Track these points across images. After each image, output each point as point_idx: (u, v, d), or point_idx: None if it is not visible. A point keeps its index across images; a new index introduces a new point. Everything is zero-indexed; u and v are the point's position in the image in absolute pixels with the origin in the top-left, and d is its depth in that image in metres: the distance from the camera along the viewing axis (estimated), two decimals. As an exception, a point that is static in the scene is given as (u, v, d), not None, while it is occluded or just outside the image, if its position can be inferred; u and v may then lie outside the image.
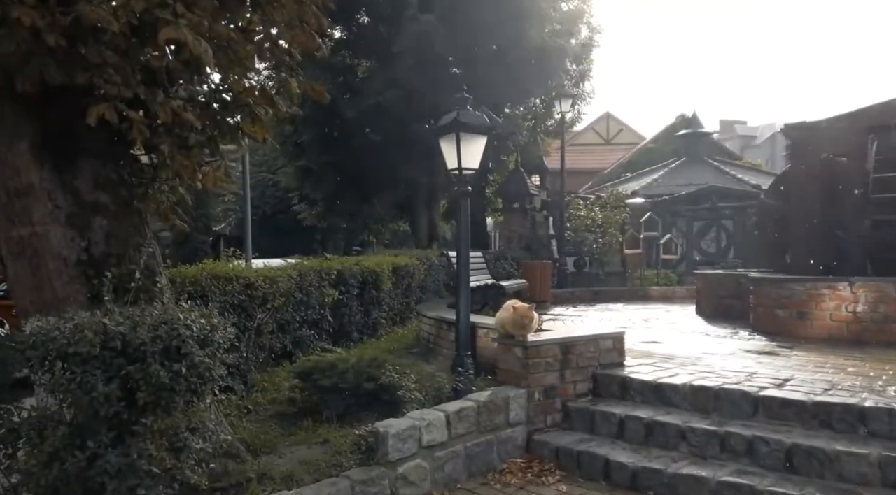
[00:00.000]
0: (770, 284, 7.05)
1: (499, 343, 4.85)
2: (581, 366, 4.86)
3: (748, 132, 56.83)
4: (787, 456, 3.64)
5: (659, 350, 6.00)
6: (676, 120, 32.29)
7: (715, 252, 15.73)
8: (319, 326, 8.16)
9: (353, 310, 9.04)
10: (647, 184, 19.09)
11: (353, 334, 9.05)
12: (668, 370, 4.92)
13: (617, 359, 5.08)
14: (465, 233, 5.35)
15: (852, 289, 6.21)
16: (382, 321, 9.89)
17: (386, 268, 10.03)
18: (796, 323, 6.66)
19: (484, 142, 5.33)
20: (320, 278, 8.11)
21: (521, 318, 4.52)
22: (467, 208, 5.38)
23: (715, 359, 5.45)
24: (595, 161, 34.03)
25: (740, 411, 4.08)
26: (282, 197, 27.31)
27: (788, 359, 5.40)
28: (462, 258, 5.30)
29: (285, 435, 4.79)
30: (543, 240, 17.66)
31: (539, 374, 4.63)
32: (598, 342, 4.96)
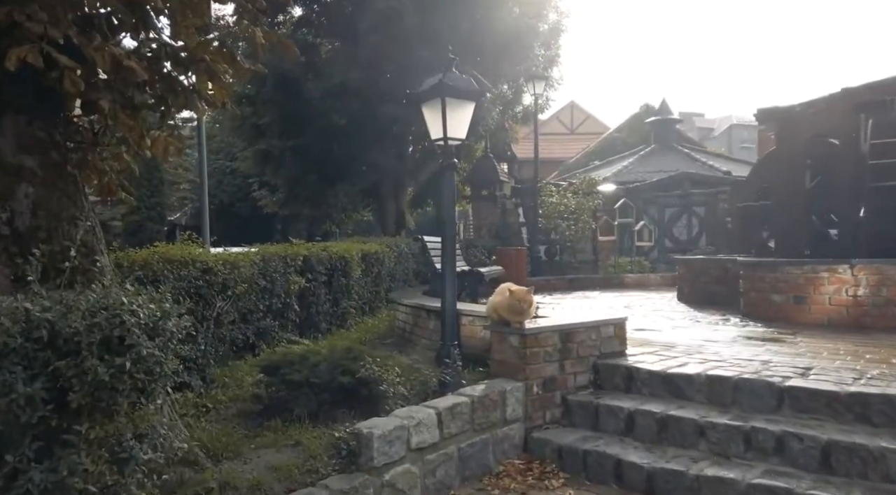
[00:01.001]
0: (765, 268, 6.74)
1: (492, 331, 4.36)
2: (581, 355, 4.41)
3: (706, 124, 57.74)
4: (823, 455, 3.25)
5: (655, 337, 5.61)
6: (641, 109, 32.32)
7: (686, 239, 15.57)
8: (285, 316, 7.56)
9: (321, 299, 8.45)
10: (618, 171, 18.86)
11: (320, 325, 8.46)
12: (674, 359, 4.51)
13: (618, 348, 4.65)
14: (450, 211, 4.84)
15: (853, 271, 5.92)
16: (352, 310, 9.32)
17: (355, 255, 9.45)
18: (793, 308, 6.36)
19: (472, 109, 4.81)
20: (285, 264, 7.50)
21: (519, 303, 4.04)
22: (452, 183, 4.85)
23: (718, 346, 5.07)
24: (560, 150, 33.87)
25: (763, 404, 3.69)
26: (240, 185, 26.30)
27: (796, 345, 5.06)
28: (448, 238, 4.79)
29: (250, 437, 4.23)
30: (514, 227, 17.27)
31: (537, 365, 4.16)
32: (599, 329, 4.52)
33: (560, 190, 15.76)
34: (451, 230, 4.81)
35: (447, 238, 4.79)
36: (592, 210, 15.29)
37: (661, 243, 15.46)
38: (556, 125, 38.33)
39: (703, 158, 19.37)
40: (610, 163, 21.00)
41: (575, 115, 39.49)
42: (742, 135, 52.16)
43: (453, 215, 4.84)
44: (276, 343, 7.29)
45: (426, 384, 4.36)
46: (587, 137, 35.69)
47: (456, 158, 4.82)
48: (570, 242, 15.11)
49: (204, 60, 3.80)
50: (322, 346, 7.47)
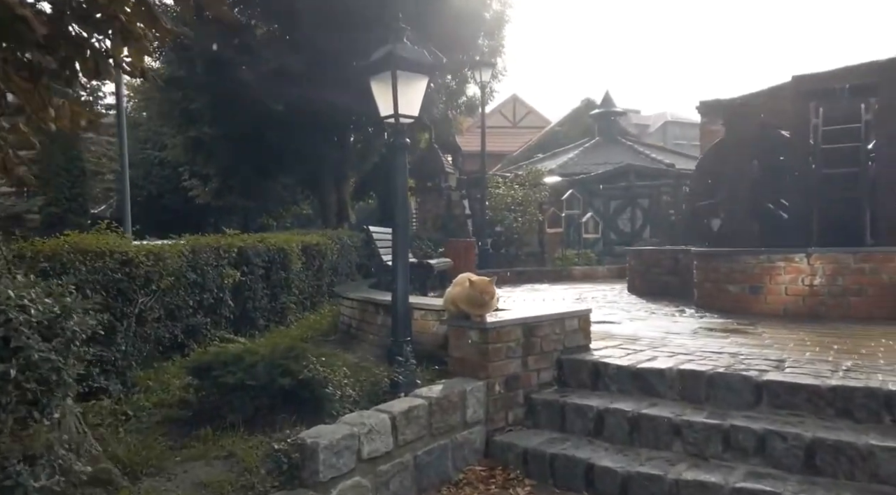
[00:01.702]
0: (720, 258, 6.62)
1: (450, 326, 3.98)
2: (546, 350, 4.09)
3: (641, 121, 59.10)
4: (807, 454, 3.02)
5: (616, 330, 5.37)
6: (582, 103, 32.60)
7: (630, 231, 15.64)
8: (218, 312, 6.99)
9: (258, 294, 7.89)
10: (563, 163, 18.81)
11: (258, 321, 7.91)
12: (640, 353, 4.25)
13: (583, 342, 4.36)
14: (402, 197, 4.43)
15: (809, 260, 5.85)
16: (292, 306, 8.79)
17: (295, 247, 8.92)
18: (749, 298, 6.26)
19: (425, 84, 4.41)
20: (218, 256, 6.92)
21: (480, 295, 3.67)
22: (404, 165, 4.45)
23: (682, 339, 4.86)
24: (503, 144, 33.79)
25: (740, 400, 3.45)
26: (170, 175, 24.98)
27: (760, 337, 4.90)
28: (400, 226, 4.38)
29: (176, 449, 3.73)
30: (460, 219, 16.97)
31: (500, 362, 3.81)
32: (563, 322, 4.21)
33: (507, 181, 15.54)
34: (404, 217, 4.41)
35: (399, 226, 4.39)
36: (539, 202, 15.15)
37: (606, 235, 15.47)
38: (499, 118, 38.26)
39: (647, 151, 19.57)
40: (555, 156, 20.98)
41: (517, 109, 39.54)
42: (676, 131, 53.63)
43: (406, 201, 4.44)
44: (208, 341, 6.70)
45: (377, 385, 3.95)
46: (530, 131, 35.77)
47: (408, 139, 4.41)
48: (517, 234, 14.92)
49: (118, 19, 3.24)
50: (260, 344, 6.92)
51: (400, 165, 4.39)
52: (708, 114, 14.54)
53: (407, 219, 4.42)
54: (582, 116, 31.23)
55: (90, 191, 27.39)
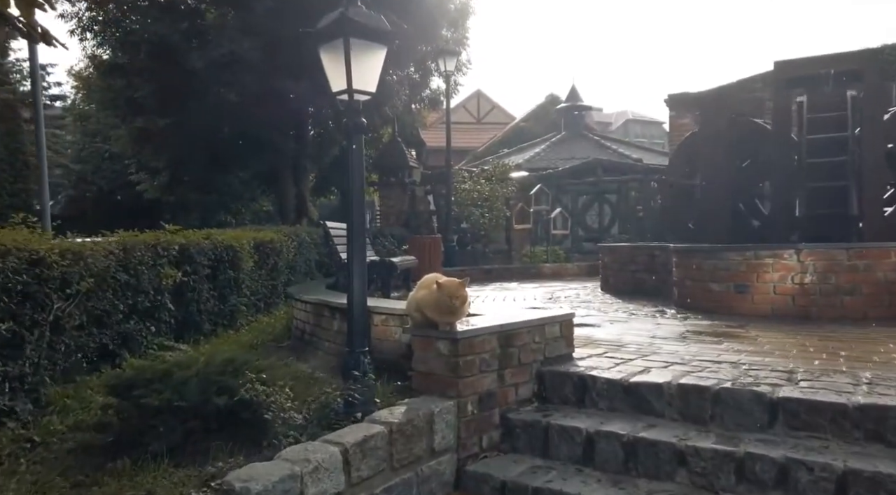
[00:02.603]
0: (702, 254, 6.20)
1: (413, 335, 3.41)
2: (524, 361, 3.56)
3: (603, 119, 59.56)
4: (839, 488, 2.55)
5: (597, 334, 4.88)
6: (547, 99, 32.43)
7: (598, 228, 15.30)
8: (156, 317, 6.28)
9: (204, 296, 7.19)
10: (529, 158, 18.39)
11: (203, 325, 7.21)
12: (629, 362, 3.76)
13: (565, 350, 3.84)
14: (358, 186, 3.84)
15: (800, 257, 5.46)
16: (243, 308, 8.10)
17: (246, 244, 8.22)
18: (734, 297, 5.85)
19: (383, 56, 3.83)
20: (155, 255, 6.21)
21: (450, 300, 3.12)
22: (361, 150, 3.86)
23: (671, 344, 4.39)
24: (467, 139, 33.37)
25: (752, 420, 2.97)
26: (121, 170, 23.78)
27: (756, 342, 4.46)
28: (357, 220, 3.78)
29: (86, 486, 3.08)
30: (424, 216, 16.40)
31: (472, 378, 3.26)
32: (544, 329, 3.69)
33: (473, 176, 15.03)
34: (360, 209, 3.81)
35: (356, 219, 3.79)
36: (506, 197, 14.68)
37: (574, 232, 15.09)
38: (464, 114, 37.85)
39: (614, 146, 19.30)
40: (521, 150, 20.56)
41: (482, 105, 39.20)
42: (637, 129, 54.16)
43: (363, 191, 3.85)
44: (144, 350, 6.02)
45: (328, 406, 3.35)
46: (494, 127, 35.43)
47: (364, 119, 3.82)
48: (483, 231, 14.43)
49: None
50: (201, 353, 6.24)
51: (356, 150, 3.80)
52: (676, 107, 14.27)
53: (364, 211, 3.84)
54: (547, 112, 31.01)
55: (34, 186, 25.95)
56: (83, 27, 13.12)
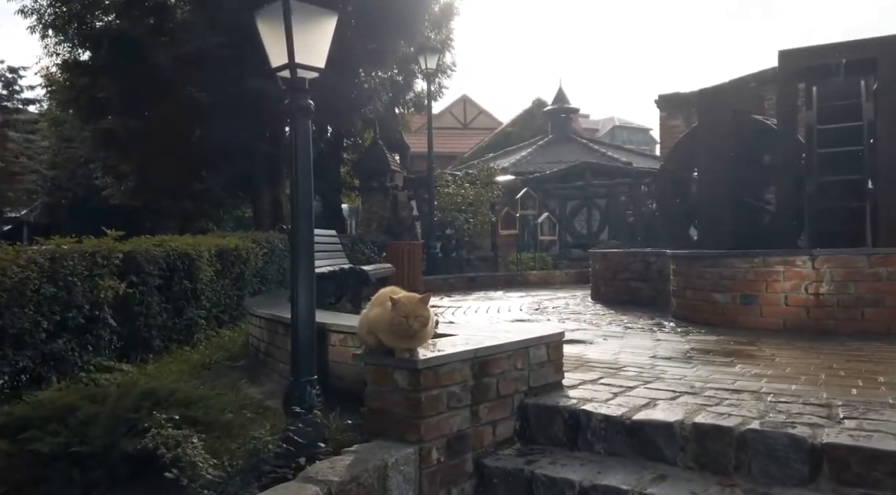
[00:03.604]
0: (704, 261, 5.60)
1: (366, 364, 2.76)
2: (504, 394, 2.92)
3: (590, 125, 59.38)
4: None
5: (590, 353, 4.25)
6: (533, 103, 31.95)
7: (587, 233, 14.71)
8: (94, 333, 5.60)
9: (154, 309, 6.52)
10: (515, 162, 17.81)
11: (153, 342, 6.53)
12: (630, 391, 3.13)
13: (553, 377, 3.21)
14: (303, 182, 3.19)
15: (814, 264, 4.87)
16: (201, 322, 7.42)
17: (206, 252, 7.54)
18: (740, 309, 5.25)
19: (333, 25, 3.20)
20: (92, 264, 5.54)
21: (407, 321, 2.47)
22: (307, 138, 3.22)
23: (677, 367, 3.77)
24: (453, 145, 32.86)
25: (789, 472, 2.35)
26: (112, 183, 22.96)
27: (773, 363, 3.85)
28: (301, 221, 3.14)
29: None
30: (407, 222, 15.79)
31: (438, 417, 2.62)
32: (528, 352, 3.05)
33: (457, 179, 14.42)
34: (307, 203, 3.17)
35: (300, 222, 3.15)
36: (491, 202, 14.08)
37: (562, 238, 14.50)
38: (450, 119, 37.37)
39: (602, 149, 18.76)
40: (507, 154, 19.98)
41: (468, 110, 38.74)
42: (623, 136, 54.21)
43: (310, 182, 3.20)
44: (78, 371, 5.33)
45: (258, 452, 2.68)
46: (481, 132, 34.95)
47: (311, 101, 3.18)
48: (468, 237, 13.81)
49: None
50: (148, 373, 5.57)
51: (301, 137, 3.16)
52: (667, 108, 13.79)
53: (311, 206, 3.21)
54: (534, 116, 30.52)
55: (4, 194, 25.00)
56: (45, 24, 12.41)
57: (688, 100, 13.26)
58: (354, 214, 22.82)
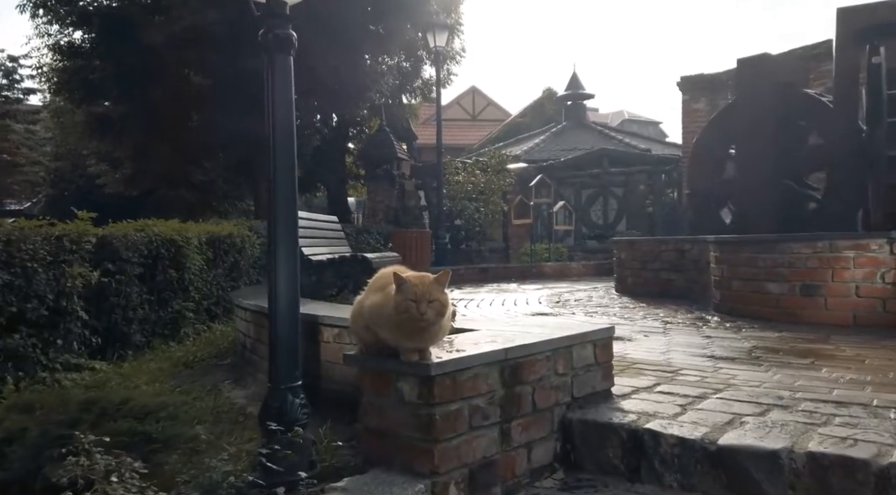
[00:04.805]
0: (755, 247, 4.90)
1: (362, 368, 2.09)
2: (541, 406, 2.24)
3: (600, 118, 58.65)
4: None
5: (633, 353, 3.57)
6: (544, 93, 31.21)
7: (603, 223, 14.00)
8: (61, 327, 4.94)
9: (134, 300, 5.85)
10: (528, 149, 17.07)
11: (133, 337, 5.87)
12: (699, 403, 2.44)
13: (602, 385, 2.53)
14: (284, 133, 2.52)
15: (893, 248, 4.16)
16: (189, 315, 6.75)
17: (194, 238, 6.88)
18: (800, 301, 4.55)
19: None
20: (59, 249, 4.87)
21: (418, 306, 1.79)
22: (288, 77, 2.53)
23: (747, 370, 3.08)
24: (462, 137, 32.18)
25: (956, 522, 1.67)
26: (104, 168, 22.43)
27: (863, 365, 3.15)
28: (281, 180, 2.47)
29: None
30: (414, 211, 15.09)
31: (458, 440, 1.94)
32: (571, 353, 2.37)
33: (467, 167, 13.73)
34: (288, 161, 2.50)
35: (279, 180, 2.48)
36: (503, 190, 13.38)
37: (577, 228, 13.79)
38: (458, 111, 36.69)
39: (619, 136, 18.00)
40: (518, 142, 19.24)
41: (477, 101, 38.05)
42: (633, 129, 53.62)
43: (291, 138, 2.52)
44: (42, 370, 4.68)
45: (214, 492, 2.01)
46: (489, 124, 34.24)
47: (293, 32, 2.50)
48: (479, 227, 13.13)
49: None
50: (124, 372, 4.93)
51: (280, 77, 2.48)
52: (690, 90, 13.02)
53: (293, 166, 2.53)
54: (544, 107, 29.76)
55: (4, 184, 24.46)
56: (35, 2, 11.79)
57: (712, 81, 12.54)
58: (361, 207, 22.18)
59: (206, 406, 3.61)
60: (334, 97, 14.03)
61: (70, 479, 1.82)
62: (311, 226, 6.55)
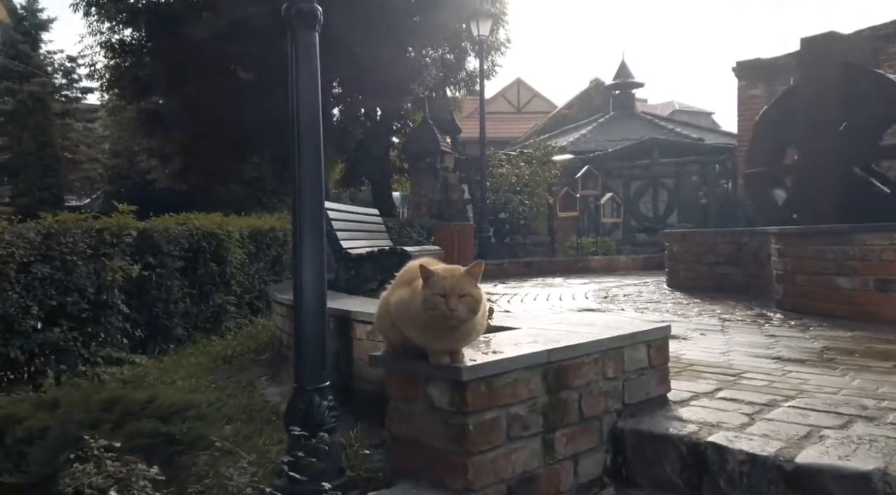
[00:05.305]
0: (824, 239, 4.52)
1: (388, 370, 1.90)
2: (589, 415, 2.02)
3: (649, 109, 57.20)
4: None
5: (689, 353, 3.29)
6: (591, 84, 30.51)
7: (653, 216, 13.50)
8: (102, 321, 4.94)
9: (175, 294, 5.86)
10: (574, 140, 16.64)
11: (174, 331, 5.88)
12: (769, 412, 2.17)
13: (656, 390, 2.28)
14: (308, 116, 2.35)
15: (984, 239, 3.76)
16: (231, 309, 6.75)
17: (236, 232, 6.86)
18: (875, 298, 4.16)
19: None
20: (99, 242, 4.87)
21: (448, 302, 1.59)
22: (314, 55, 2.36)
23: (820, 374, 2.78)
24: (507, 130, 31.77)
25: None
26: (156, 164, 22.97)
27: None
28: (306, 159, 2.31)
29: None
30: (458, 205, 14.89)
31: (495, 452, 1.74)
32: (622, 354, 2.14)
33: (511, 159, 13.43)
34: (314, 141, 2.33)
35: (304, 160, 2.32)
36: (548, 182, 13.03)
37: (625, 221, 13.35)
38: (503, 103, 36.27)
39: (670, 126, 17.36)
40: (565, 133, 18.79)
41: (522, 94, 37.55)
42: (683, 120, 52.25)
43: (317, 117, 2.35)
44: (84, 364, 4.69)
45: None
46: (535, 116, 33.69)
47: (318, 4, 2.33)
48: (523, 220, 12.83)
49: None
50: (164, 367, 4.90)
51: (304, 55, 2.31)
52: (746, 76, 12.41)
53: (319, 149, 2.35)
54: (591, 97, 29.07)
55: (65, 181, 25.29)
56: (88, 1, 12.05)
57: (770, 66, 11.91)
58: (406, 202, 22.11)
59: (239, 403, 3.51)
60: (377, 90, 13.95)
61: (75, 489, 1.69)
62: (350, 218, 6.41)
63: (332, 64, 10.46)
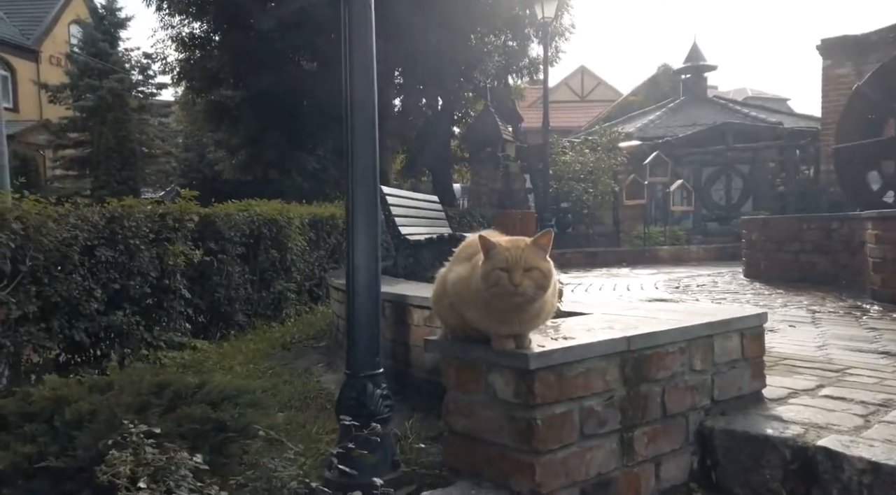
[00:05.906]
0: (931, 222, 4.06)
1: (445, 356, 1.72)
2: (673, 411, 1.78)
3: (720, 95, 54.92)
4: None
5: (780, 346, 2.96)
6: (659, 70, 29.45)
7: (726, 205, 12.81)
8: (163, 306, 4.98)
9: (235, 280, 5.86)
10: (641, 127, 16.02)
11: (235, 316, 5.88)
12: (888, 413, 1.87)
13: (749, 385, 2.01)
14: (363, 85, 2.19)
15: None
16: (291, 295, 6.74)
17: (296, 219, 6.84)
18: None
19: None
20: (161, 226, 4.90)
21: (511, 276, 1.39)
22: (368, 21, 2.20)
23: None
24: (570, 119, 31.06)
25: None
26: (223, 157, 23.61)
27: None
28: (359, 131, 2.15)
29: None
30: (519, 194, 14.61)
31: (566, 451, 1.53)
32: (711, 344, 1.88)
33: (575, 146, 13.02)
34: (368, 114, 2.17)
35: (357, 132, 2.16)
36: (614, 170, 12.56)
37: (696, 209, 12.73)
38: (566, 92, 35.53)
39: (745, 110, 16.48)
40: (631, 119, 18.13)
41: (586, 82, 36.65)
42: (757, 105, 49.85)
43: (372, 86, 2.19)
44: (146, 347, 4.73)
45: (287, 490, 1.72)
46: (599, 104, 32.81)
47: None
48: (587, 209, 12.42)
49: None
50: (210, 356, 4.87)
51: (357, 21, 2.15)
52: (833, 54, 11.57)
53: (373, 127, 2.20)
54: (659, 84, 28.03)
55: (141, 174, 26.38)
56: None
57: (859, 43, 11.06)
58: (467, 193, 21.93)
59: (294, 390, 3.42)
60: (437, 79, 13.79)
61: (112, 476, 1.58)
62: (409, 204, 6.27)
63: (391, 52, 10.37)
